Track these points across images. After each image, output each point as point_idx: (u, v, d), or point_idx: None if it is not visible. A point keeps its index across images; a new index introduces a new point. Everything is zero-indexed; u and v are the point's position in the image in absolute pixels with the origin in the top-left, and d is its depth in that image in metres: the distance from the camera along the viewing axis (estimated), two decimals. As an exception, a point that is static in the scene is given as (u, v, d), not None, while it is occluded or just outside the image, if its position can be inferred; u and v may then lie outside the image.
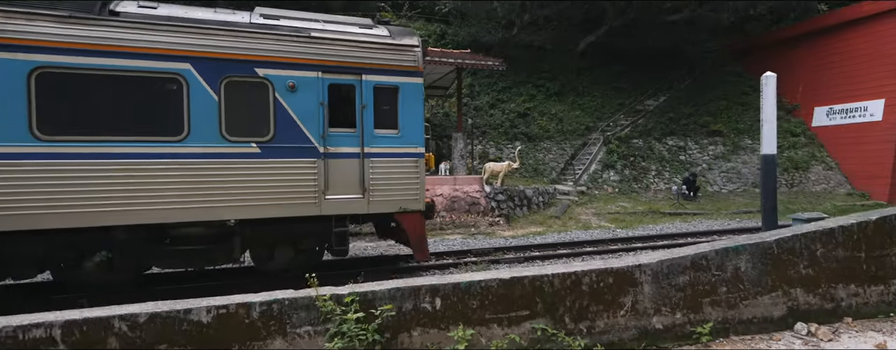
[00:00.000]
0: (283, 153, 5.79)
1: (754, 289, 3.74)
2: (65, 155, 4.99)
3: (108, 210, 5.15)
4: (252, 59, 5.64)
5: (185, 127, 5.39)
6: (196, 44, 5.42)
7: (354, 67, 6.06)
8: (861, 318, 3.87)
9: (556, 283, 3.39)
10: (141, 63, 5.21)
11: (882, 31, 15.58)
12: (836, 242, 3.90)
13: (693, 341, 3.56)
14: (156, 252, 5.67)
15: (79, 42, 5.00)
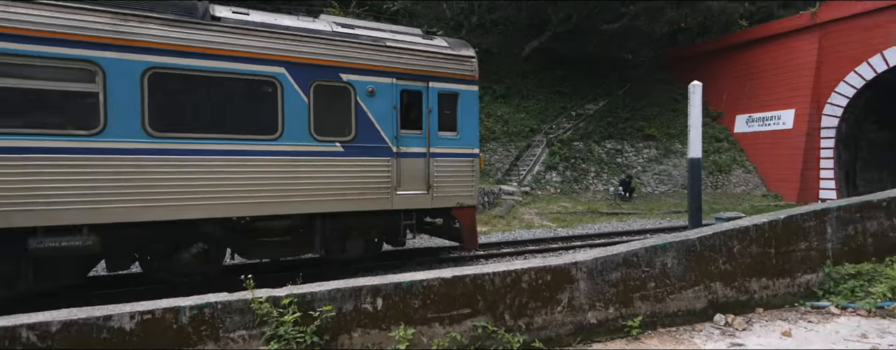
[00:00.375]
0: (363, 152, 6.24)
1: (679, 283, 3.99)
2: (173, 151, 5.24)
3: (210, 203, 5.44)
4: (337, 65, 6.05)
5: (279, 127, 5.75)
6: (290, 49, 5.77)
7: (422, 75, 6.60)
8: (771, 309, 4.23)
9: (496, 282, 3.46)
10: (241, 66, 5.53)
11: (792, 47, 17.13)
12: (750, 240, 4.24)
13: (624, 334, 3.75)
14: (246, 244, 6.04)
15: (186, 45, 5.26)
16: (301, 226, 6.21)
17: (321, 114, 5.97)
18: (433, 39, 7.11)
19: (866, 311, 3.99)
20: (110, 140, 4.98)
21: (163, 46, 5.15)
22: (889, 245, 4.65)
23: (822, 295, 4.33)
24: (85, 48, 4.85)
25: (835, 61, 15.92)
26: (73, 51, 4.81)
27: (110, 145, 4.98)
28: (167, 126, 5.22)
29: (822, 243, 4.43)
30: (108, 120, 4.96)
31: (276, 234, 6.10)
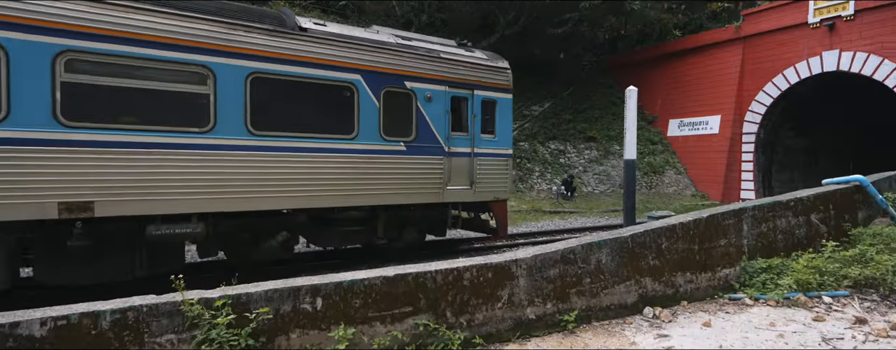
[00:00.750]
0: (421, 151, 7.03)
1: (613, 279, 4.20)
2: (269, 148, 5.81)
3: (298, 195, 6.03)
4: (402, 74, 6.81)
5: (355, 127, 6.45)
6: (365, 59, 6.47)
7: (469, 84, 7.50)
8: (694, 301, 4.53)
9: (438, 279, 3.49)
10: (325, 72, 6.16)
11: (719, 57, 18.41)
12: (677, 237, 4.52)
13: (561, 329, 3.89)
14: (320, 232, 6.71)
15: (281, 53, 5.85)
16: (367, 217, 6.87)
17: (389, 117, 6.72)
18: (474, 51, 8.04)
19: (775, 301, 4.37)
20: (218, 137, 5.53)
21: (262, 53, 5.74)
22: (795, 241, 5.11)
23: (738, 288, 4.69)
24: (201, 54, 5.39)
25: (755, 72, 17.26)
26: (191, 56, 5.34)
27: (218, 142, 5.53)
28: (264, 125, 5.80)
29: (739, 240, 4.80)
30: (217, 119, 5.50)
31: (346, 224, 6.72)
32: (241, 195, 5.64)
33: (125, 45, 4.98)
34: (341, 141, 6.34)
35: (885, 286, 4.40)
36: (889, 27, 13.80)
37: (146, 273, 5.55)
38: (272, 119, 5.87)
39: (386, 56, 6.67)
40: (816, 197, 5.30)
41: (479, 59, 7.74)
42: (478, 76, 7.59)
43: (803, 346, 3.49)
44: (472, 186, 7.53)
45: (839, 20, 14.79)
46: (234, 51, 5.56)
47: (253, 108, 5.69)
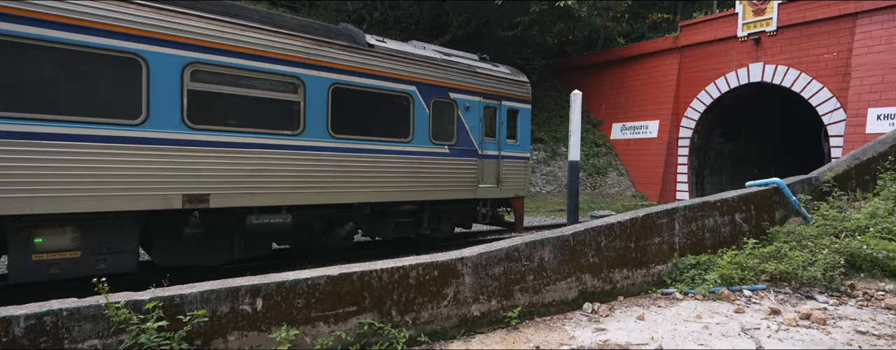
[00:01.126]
0: (461, 154, 8.09)
1: (555, 276, 4.34)
2: (345, 149, 6.69)
3: (367, 191, 6.94)
4: (447, 86, 7.83)
5: (410, 132, 7.41)
6: (419, 72, 7.43)
7: (497, 95, 8.64)
8: (629, 296, 4.77)
9: (384, 278, 3.48)
10: (388, 84, 7.09)
11: (658, 65, 19.43)
12: (615, 235, 4.74)
13: (505, 325, 3.98)
14: (379, 224, 7.57)
15: (355, 66, 6.75)
16: (415, 211, 7.74)
17: (436, 123, 7.72)
18: (498, 66, 9.22)
19: (702, 295, 4.67)
20: (306, 140, 6.35)
21: (341, 67, 6.62)
22: (721, 238, 5.48)
23: (669, 283, 4.98)
24: (294, 66, 6.21)
25: (691, 80, 18.34)
26: (288, 68, 6.17)
27: (306, 144, 6.35)
28: (342, 130, 6.68)
29: (671, 238, 5.10)
30: (306, 123, 6.32)
31: (399, 216, 7.60)
32: (322, 190, 6.53)
33: (237, 58, 5.79)
34: (400, 144, 7.33)
35: (797, 279, 4.81)
36: (802, 44, 15.09)
37: (242, 257, 6.34)
38: (348, 124, 6.76)
39: (435, 70, 7.69)
40: (740, 198, 5.71)
41: (506, 74, 9.03)
42: (504, 88, 8.76)
43: (725, 336, 3.76)
44: (498, 185, 8.65)
45: (764, 35, 15.99)
46: (319, 64, 6.44)
47: (333, 114, 6.61)
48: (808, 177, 6.57)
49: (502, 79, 8.79)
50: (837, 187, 6.45)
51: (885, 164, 6.85)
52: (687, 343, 3.63)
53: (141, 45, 5.16)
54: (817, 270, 4.72)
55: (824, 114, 14.61)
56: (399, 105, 7.29)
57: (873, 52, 13.38)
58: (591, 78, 22.01)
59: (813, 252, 5.08)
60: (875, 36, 13.40)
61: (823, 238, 5.35)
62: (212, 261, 6.11)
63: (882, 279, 4.82)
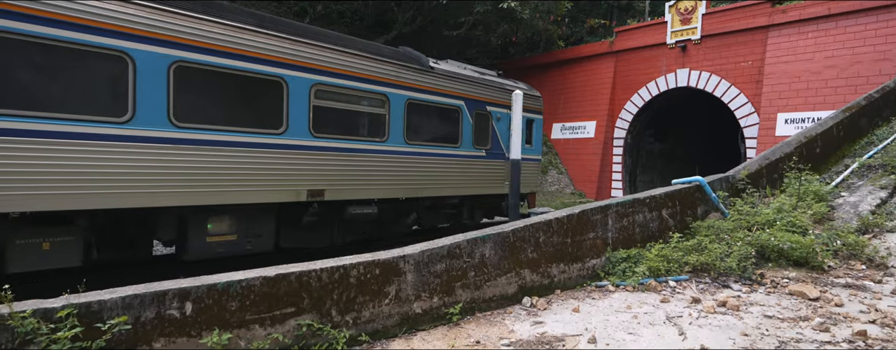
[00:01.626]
0: (493, 157, 9.73)
1: (495, 272, 4.44)
2: (416, 153, 8.13)
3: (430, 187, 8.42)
4: (484, 100, 9.47)
5: (460, 139, 8.94)
6: (466, 90, 9.02)
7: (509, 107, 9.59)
8: (566, 290, 4.97)
9: (324, 278, 3.41)
10: (445, 100, 8.59)
11: (595, 68, 20.30)
12: (553, 231, 4.91)
13: (446, 321, 4.02)
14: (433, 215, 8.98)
15: (423, 85, 8.22)
16: (459, 204, 9.34)
17: (477, 131, 9.32)
18: (518, 83, 11.13)
19: (632, 287, 4.94)
20: (389, 145, 7.71)
21: (413, 86, 8.02)
22: (650, 233, 5.83)
23: (603, 276, 5.23)
24: (384, 86, 7.58)
25: (625, 83, 19.31)
26: (378, 87, 7.52)
27: (390, 148, 7.71)
28: (414, 137, 8.11)
29: (604, 233, 5.36)
30: (390, 132, 7.69)
31: (447, 208, 9.19)
32: (400, 187, 7.92)
33: (346, 80, 7.13)
34: (453, 149, 8.87)
35: (715, 270, 5.20)
36: (723, 52, 16.32)
37: (339, 242, 7.47)
38: (417, 133, 8.18)
39: (476, 87, 9.34)
40: (666, 195, 6.10)
41: (525, 89, 10.86)
42: (524, 102, 9.92)
43: (652, 324, 4.01)
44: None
45: (690, 43, 17.12)
46: (400, 84, 7.82)
47: (408, 124, 7.97)
48: (725, 175, 7.11)
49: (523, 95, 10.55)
50: (750, 185, 7.04)
51: (791, 163, 7.56)
52: (618, 332, 3.84)
53: (283, 70, 6.52)
54: (733, 261, 5.13)
55: (741, 117, 15.87)
56: (451, 116, 8.89)
57: (782, 61, 14.69)
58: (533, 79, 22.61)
59: (729, 244, 5.51)
60: (783, 47, 14.73)
61: (738, 231, 5.82)
62: (319, 244, 7.30)
63: (787, 268, 5.32)
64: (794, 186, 6.93)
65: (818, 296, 4.50)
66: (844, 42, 13.61)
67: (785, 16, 14.77)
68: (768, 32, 15.24)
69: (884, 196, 6.89)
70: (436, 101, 8.48)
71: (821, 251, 5.26)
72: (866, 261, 5.25)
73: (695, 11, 16.99)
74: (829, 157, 8.60)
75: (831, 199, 6.98)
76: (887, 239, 5.79)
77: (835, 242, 5.50)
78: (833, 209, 6.71)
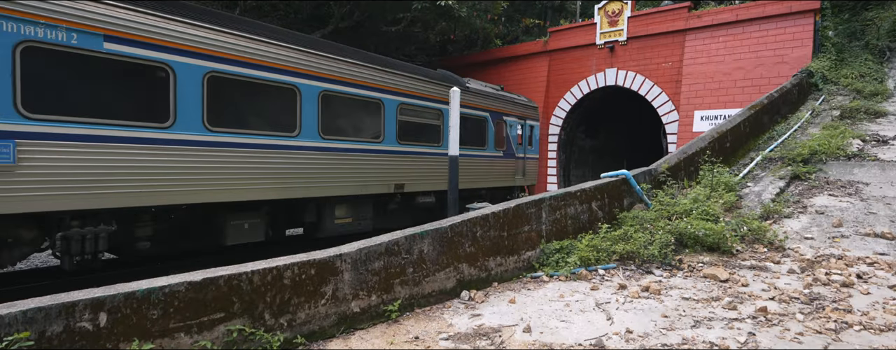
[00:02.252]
0: (508, 156, 12.75)
1: (434, 267, 4.48)
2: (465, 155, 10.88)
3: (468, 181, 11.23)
4: (502, 112, 12.53)
5: (486, 143, 11.87)
6: (490, 104, 12.06)
7: (524, 116, 13.63)
8: (503, 282, 5.11)
9: (255, 280, 3.29)
10: (477, 112, 11.52)
11: (531, 67, 20.93)
12: (489, 225, 5.03)
13: (385, 319, 4.01)
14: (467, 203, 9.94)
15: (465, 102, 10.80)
16: (485, 194, 11.78)
17: (497, 136, 12.12)
18: (520, 97, 14.64)
19: (565, 276, 5.17)
20: (443, 149, 10.38)
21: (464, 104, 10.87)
22: (581, 225, 6.11)
23: (538, 267, 5.43)
24: (439, 104, 10.39)
25: (558, 81, 20.05)
26: (437, 105, 10.36)
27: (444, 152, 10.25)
28: (464, 143, 10.44)
29: (539, 225, 5.56)
30: (444, 139, 10.48)
31: (477, 198, 11.30)
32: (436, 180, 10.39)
33: (420, 100, 9.88)
34: (481, 150, 11.75)
35: (640, 257, 5.55)
36: (646, 54, 17.37)
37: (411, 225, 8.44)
38: (464, 139, 10.59)
39: (497, 102, 12.52)
40: (596, 188, 6.42)
41: (525, 102, 14.32)
42: (526, 112, 13.87)
43: (583, 311, 4.22)
44: (524, 176, 13.05)
45: (617, 44, 18.06)
46: (442, 100, 10.41)
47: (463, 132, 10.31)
48: (649, 168, 7.59)
49: (525, 105, 14.20)
50: (671, 177, 7.56)
51: (705, 157, 8.20)
52: (551, 320, 4.00)
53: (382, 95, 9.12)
54: (655, 249, 5.50)
55: (663, 114, 16.98)
56: (481, 125, 11.78)
57: (698, 63, 15.88)
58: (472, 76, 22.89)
59: (652, 233, 5.90)
60: (699, 50, 15.92)
61: (660, 221, 6.24)
62: (398, 225, 7.82)
63: (702, 253, 5.78)
64: (708, 178, 7.53)
65: (728, 277, 4.92)
66: (750, 46, 14.92)
67: (700, 20, 15.94)
68: (686, 36, 16.39)
69: (782, 186, 7.65)
70: (472, 113, 11.46)
71: (730, 237, 5.76)
72: (768, 244, 5.82)
73: (621, 14, 17.93)
74: (737, 151, 9.42)
75: (739, 189, 7.66)
76: (785, 224, 6.44)
77: (742, 228, 6.04)
78: (741, 198, 7.36)
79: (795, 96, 12.00)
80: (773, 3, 14.49)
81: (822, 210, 6.68)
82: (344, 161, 8.31)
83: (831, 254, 5.38)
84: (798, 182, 7.81)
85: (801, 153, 8.34)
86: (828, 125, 9.93)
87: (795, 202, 7.07)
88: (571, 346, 3.52)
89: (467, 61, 23.50)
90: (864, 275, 4.76)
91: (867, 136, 9.31)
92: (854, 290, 4.45)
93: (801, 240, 5.92)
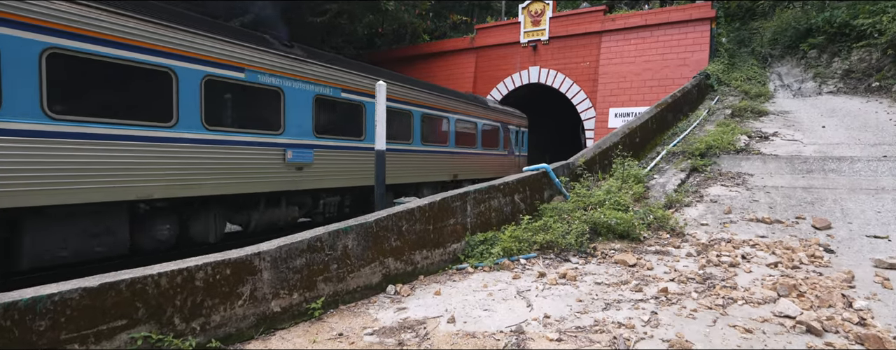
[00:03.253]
0: (510, 154, 16.27)
1: (359, 262, 4.43)
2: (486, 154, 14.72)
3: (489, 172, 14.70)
4: (507, 122, 16.02)
5: (499, 145, 15.56)
6: (500, 116, 15.58)
7: (517, 125, 16.87)
8: (429, 275, 5.17)
9: (163, 283, 3.08)
10: (494, 123, 15.10)
11: (459, 63, 21.22)
12: (415, 219, 5.06)
13: (308, 317, 3.92)
14: None
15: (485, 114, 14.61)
16: None
17: (505, 140, 15.73)
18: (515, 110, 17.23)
19: (489, 267, 5.33)
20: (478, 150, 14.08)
21: (484, 117, 14.46)
22: (504, 217, 6.33)
23: (463, 259, 5.55)
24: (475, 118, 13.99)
25: (485, 78, 20.50)
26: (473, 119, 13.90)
27: (479, 152, 14.14)
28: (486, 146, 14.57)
29: (464, 218, 5.68)
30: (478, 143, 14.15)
31: None
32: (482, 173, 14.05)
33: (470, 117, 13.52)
34: (496, 150, 15.22)
35: (558, 246, 5.85)
36: (566, 53, 18.26)
37: None
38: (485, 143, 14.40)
39: (505, 115, 15.92)
40: (518, 181, 6.67)
41: (518, 113, 17.21)
42: (519, 121, 16.98)
43: (505, 299, 4.38)
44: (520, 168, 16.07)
45: (540, 43, 18.79)
46: (479, 116, 14.03)
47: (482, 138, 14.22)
48: (567, 162, 8.01)
49: (519, 116, 17.10)
50: (587, 170, 8.03)
51: (617, 151, 8.79)
52: (474, 310, 4.12)
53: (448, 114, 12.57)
54: (572, 238, 5.83)
55: (582, 111, 17.94)
56: (496, 132, 15.22)
57: (612, 63, 16.94)
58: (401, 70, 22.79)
59: (569, 223, 6.24)
60: (613, 51, 16.99)
61: (577, 211, 6.61)
62: None
63: (613, 240, 6.21)
64: (620, 171, 8.09)
65: (635, 262, 5.33)
66: (657, 49, 16.13)
67: (614, 23, 16.96)
68: (602, 38, 17.38)
69: (683, 177, 8.40)
70: (492, 124, 14.92)
71: (638, 225, 6.24)
72: (670, 230, 6.37)
73: (543, 14, 18.64)
74: (645, 146, 10.20)
75: (647, 180, 8.30)
76: (685, 212, 7.09)
77: (649, 217, 6.56)
78: (648, 189, 7.99)
79: (695, 96, 13.18)
80: (677, 11, 15.77)
81: (716, 199, 7.43)
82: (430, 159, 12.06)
83: (722, 238, 6.00)
84: (696, 174, 8.62)
85: (698, 148, 9.20)
86: (721, 123, 11.02)
87: (694, 192, 7.79)
88: (493, 333, 3.64)
89: (396, 56, 23.35)
90: (748, 255, 5.36)
91: (752, 132, 10.46)
92: (739, 269, 5.00)
93: (698, 226, 6.54)
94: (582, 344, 3.40)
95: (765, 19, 18.32)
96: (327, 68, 8.86)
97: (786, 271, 4.87)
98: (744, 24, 18.97)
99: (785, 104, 13.02)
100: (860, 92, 13.24)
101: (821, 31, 15.08)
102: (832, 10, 15.16)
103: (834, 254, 5.34)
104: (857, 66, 13.90)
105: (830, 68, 14.56)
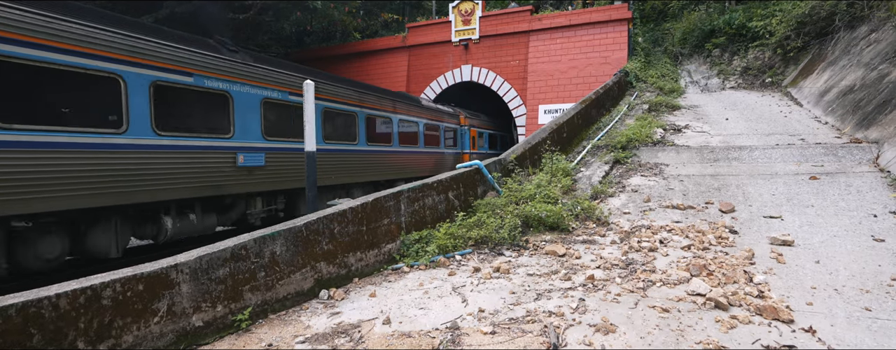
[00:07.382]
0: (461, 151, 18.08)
1: (289, 269, 4.27)
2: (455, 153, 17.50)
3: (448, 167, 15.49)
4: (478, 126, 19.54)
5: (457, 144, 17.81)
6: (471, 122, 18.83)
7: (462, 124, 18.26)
8: (364, 277, 5.09)
9: (62, 305, 2.80)
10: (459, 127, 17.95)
11: (391, 61, 21.07)
12: (347, 220, 4.96)
13: (234, 329, 3.72)
14: None
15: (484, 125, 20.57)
16: None
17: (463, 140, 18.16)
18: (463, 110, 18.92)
19: (425, 265, 5.34)
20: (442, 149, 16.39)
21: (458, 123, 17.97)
22: (439, 214, 6.36)
23: (398, 258, 5.51)
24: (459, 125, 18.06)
25: (418, 76, 20.50)
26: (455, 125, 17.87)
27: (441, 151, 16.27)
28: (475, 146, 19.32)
29: (398, 218, 5.64)
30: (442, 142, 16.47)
31: None
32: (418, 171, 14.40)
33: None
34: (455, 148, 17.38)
35: (492, 241, 5.98)
36: (497, 52, 18.68)
37: None
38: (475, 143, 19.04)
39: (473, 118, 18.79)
40: (452, 178, 6.73)
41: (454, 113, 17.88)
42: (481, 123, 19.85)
43: (440, 296, 4.40)
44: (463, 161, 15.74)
45: (471, 42, 19.07)
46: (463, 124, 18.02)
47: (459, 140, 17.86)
48: (499, 158, 8.19)
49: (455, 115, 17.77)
50: (518, 165, 8.26)
51: (546, 146, 9.12)
52: (410, 309, 4.10)
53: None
54: (505, 232, 5.97)
55: (513, 108, 18.44)
56: (459, 134, 17.44)
57: (540, 62, 17.55)
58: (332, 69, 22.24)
59: (502, 218, 6.39)
60: (541, 50, 17.60)
61: (509, 206, 6.78)
62: None
63: (544, 232, 6.43)
64: (549, 165, 8.39)
65: (565, 252, 5.56)
66: (581, 48, 16.90)
67: (541, 23, 17.56)
68: (530, 37, 17.94)
69: (607, 169, 8.87)
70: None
71: (567, 216, 6.50)
72: (596, 220, 6.70)
73: (473, 13, 18.93)
74: (572, 140, 10.66)
75: (574, 173, 8.68)
76: (609, 202, 7.49)
77: (576, 208, 6.86)
78: (575, 181, 8.35)
79: (616, 92, 13.95)
80: (598, 12, 16.59)
81: (636, 188, 7.91)
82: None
83: (643, 225, 6.40)
84: (619, 165, 9.13)
85: (620, 141, 9.75)
86: (639, 117, 11.76)
87: (617, 183, 8.25)
88: (429, 331, 3.65)
89: (326, 54, 22.76)
90: (665, 240, 5.76)
91: (667, 125, 11.25)
92: (657, 253, 5.36)
93: (621, 215, 6.93)
94: (515, 335, 3.49)
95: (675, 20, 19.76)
96: (274, 71, 8.95)
97: (697, 253, 5.28)
98: (657, 25, 20.36)
99: (695, 99, 14.13)
100: (757, 87, 14.66)
101: (722, 32, 16.51)
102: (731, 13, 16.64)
103: (737, 234, 5.86)
104: (753, 64, 15.37)
105: (732, 66, 15.99)
